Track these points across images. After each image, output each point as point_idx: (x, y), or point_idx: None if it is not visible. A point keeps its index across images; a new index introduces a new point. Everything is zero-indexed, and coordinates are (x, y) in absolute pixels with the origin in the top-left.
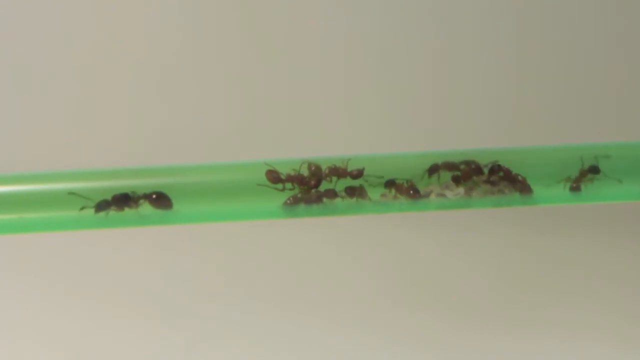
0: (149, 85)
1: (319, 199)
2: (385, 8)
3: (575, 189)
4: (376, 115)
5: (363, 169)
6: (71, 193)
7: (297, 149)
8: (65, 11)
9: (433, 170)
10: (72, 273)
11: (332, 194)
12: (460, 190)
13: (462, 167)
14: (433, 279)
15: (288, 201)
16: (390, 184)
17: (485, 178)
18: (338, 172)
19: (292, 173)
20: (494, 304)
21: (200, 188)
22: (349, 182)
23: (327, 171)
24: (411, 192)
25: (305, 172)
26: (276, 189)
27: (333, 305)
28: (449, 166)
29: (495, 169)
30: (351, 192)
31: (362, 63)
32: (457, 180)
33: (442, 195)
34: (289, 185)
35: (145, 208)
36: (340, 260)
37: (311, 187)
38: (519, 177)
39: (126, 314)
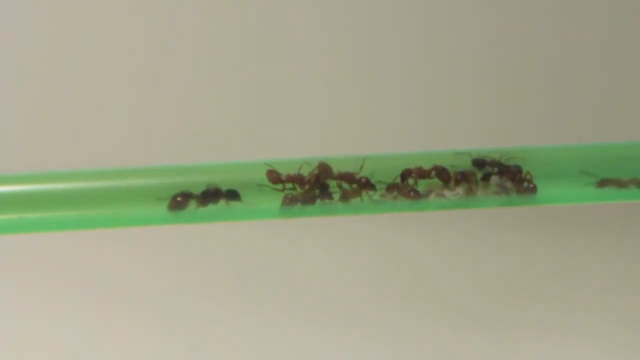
0: (149, 85)
1: (313, 199)
2: (387, 6)
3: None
4: (377, 115)
5: (369, 179)
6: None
7: (297, 149)
8: (66, 11)
9: (405, 175)
10: (71, 275)
11: (328, 195)
12: (460, 190)
13: (433, 173)
14: (428, 283)
15: (286, 201)
16: (391, 187)
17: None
18: (347, 177)
19: (292, 173)
20: (489, 308)
21: (200, 188)
22: None
23: (336, 175)
24: (411, 193)
25: (305, 172)
26: (276, 189)
27: (329, 309)
28: (421, 173)
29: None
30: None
31: (363, 62)
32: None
33: (441, 195)
34: (289, 185)
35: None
36: (336, 263)
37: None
38: (527, 177)
39: (124, 317)
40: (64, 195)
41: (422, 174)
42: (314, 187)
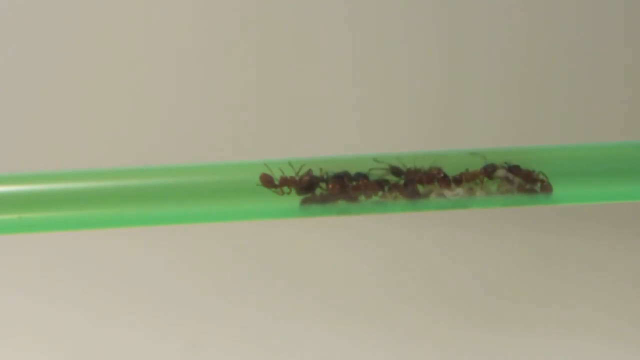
0: (149, 86)
1: (331, 198)
2: (388, 6)
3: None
4: (377, 115)
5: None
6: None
7: (297, 149)
8: (68, 10)
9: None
10: (74, 272)
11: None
12: (460, 190)
13: (436, 180)
14: (436, 279)
15: (305, 201)
16: (392, 187)
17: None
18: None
19: (285, 176)
20: (496, 304)
21: (201, 188)
22: None
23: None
24: (411, 193)
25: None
26: (275, 192)
27: (335, 305)
28: (423, 179)
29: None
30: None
31: (363, 62)
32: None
33: (441, 195)
34: (285, 186)
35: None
36: (343, 260)
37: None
38: (540, 176)
39: (129, 312)
40: (64, 195)
41: (424, 180)
42: (307, 188)
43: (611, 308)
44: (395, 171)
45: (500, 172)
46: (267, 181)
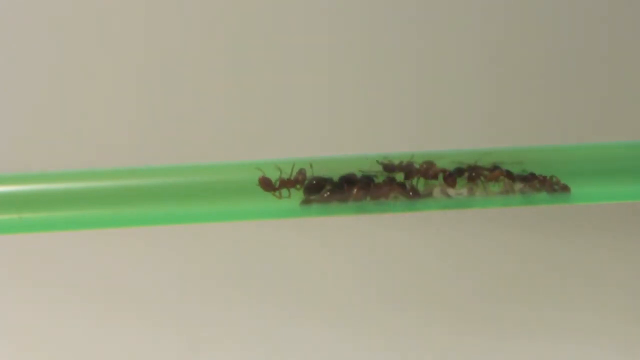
0: (148, 87)
1: (332, 199)
2: (377, 6)
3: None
4: (371, 115)
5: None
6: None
7: (297, 150)
8: (68, 10)
9: (409, 176)
10: (74, 273)
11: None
12: (464, 189)
13: (440, 176)
14: (433, 282)
15: (305, 201)
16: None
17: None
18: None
19: (285, 178)
20: (492, 307)
21: (201, 188)
22: None
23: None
24: (410, 193)
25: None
26: (275, 196)
27: (333, 307)
28: (425, 174)
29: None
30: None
31: (356, 61)
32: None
33: (444, 193)
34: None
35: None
36: (341, 262)
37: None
38: (554, 179)
39: (128, 312)
40: (64, 195)
41: (427, 175)
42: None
43: (609, 310)
44: (388, 168)
45: (517, 187)
46: (266, 184)
